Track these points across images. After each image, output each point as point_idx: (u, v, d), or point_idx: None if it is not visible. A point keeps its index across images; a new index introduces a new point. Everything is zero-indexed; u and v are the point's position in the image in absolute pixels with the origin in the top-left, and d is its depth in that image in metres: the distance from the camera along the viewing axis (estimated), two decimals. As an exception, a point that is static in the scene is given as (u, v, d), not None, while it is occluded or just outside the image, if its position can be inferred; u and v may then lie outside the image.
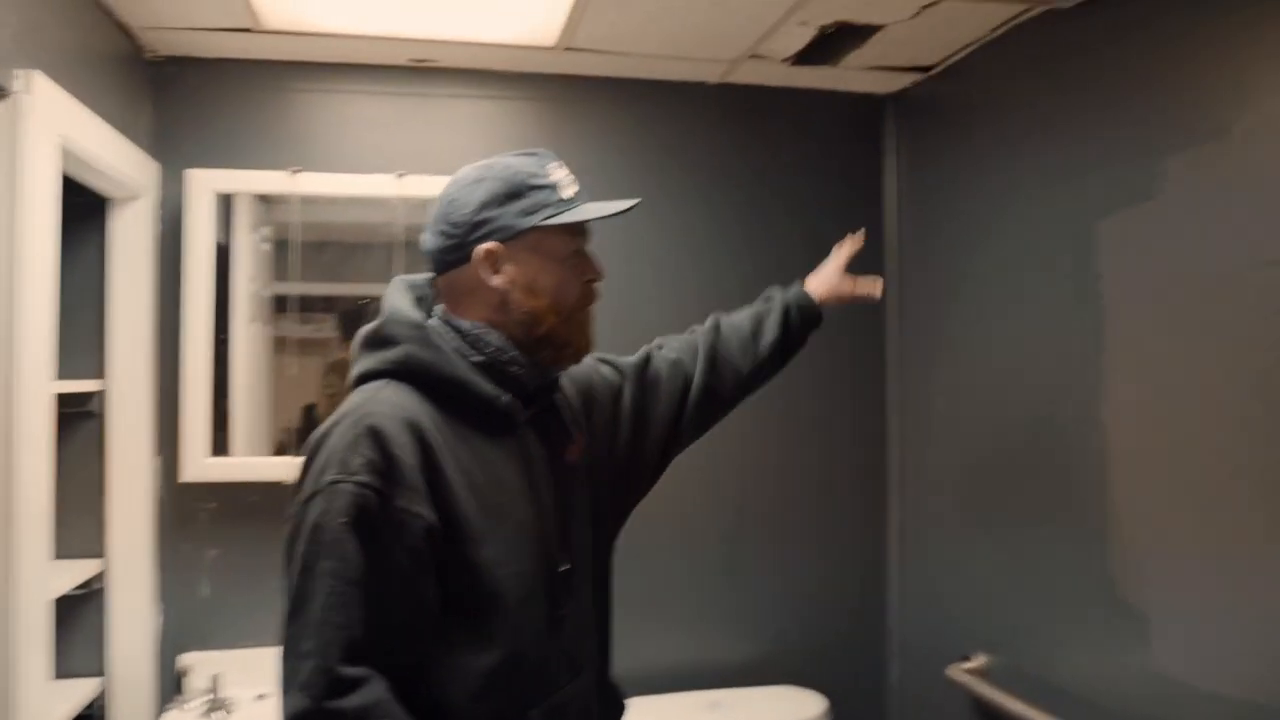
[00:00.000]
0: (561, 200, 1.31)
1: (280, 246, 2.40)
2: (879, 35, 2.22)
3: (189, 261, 2.26)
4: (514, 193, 1.30)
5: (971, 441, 2.32)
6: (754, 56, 2.38)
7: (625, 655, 1.61)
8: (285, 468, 2.27)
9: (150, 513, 2.22)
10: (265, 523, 2.32)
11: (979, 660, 2.21)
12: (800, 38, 2.24)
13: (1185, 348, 1.68)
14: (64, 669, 2.09)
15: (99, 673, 2.14)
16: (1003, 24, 2.14)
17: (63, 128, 1.73)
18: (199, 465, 2.25)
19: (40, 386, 1.65)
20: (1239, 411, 1.57)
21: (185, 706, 2.19)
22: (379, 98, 2.44)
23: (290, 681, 1.13)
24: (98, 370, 2.15)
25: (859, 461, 2.67)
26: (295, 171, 2.32)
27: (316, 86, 2.41)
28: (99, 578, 2.13)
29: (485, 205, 1.29)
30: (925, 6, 2.04)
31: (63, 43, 1.79)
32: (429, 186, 2.35)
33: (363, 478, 1.14)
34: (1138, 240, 1.78)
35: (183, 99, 2.34)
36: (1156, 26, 1.74)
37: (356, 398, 1.25)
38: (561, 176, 1.33)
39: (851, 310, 2.62)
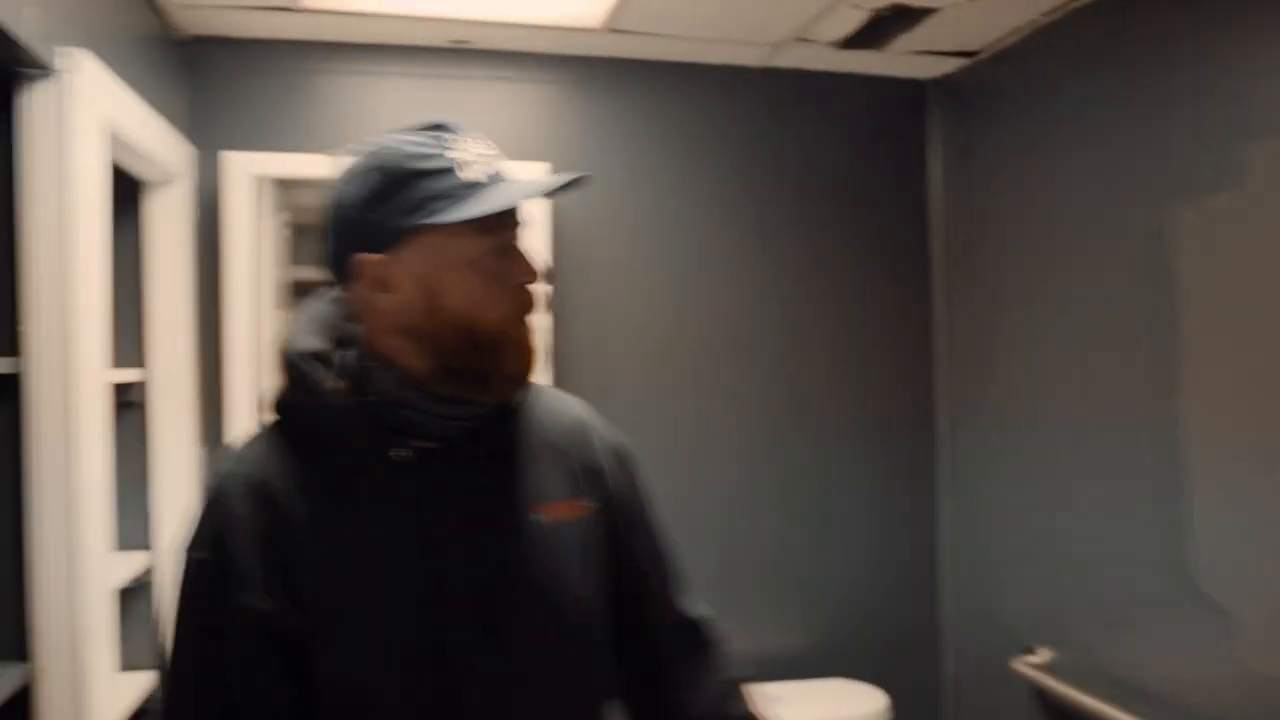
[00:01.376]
0: (462, 185, 0.99)
1: (299, 231, 2.35)
2: (931, 18, 2.19)
3: (228, 246, 2.21)
4: (396, 182, 0.99)
5: (1025, 434, 2.30)
6: (800, 40, 2.34)
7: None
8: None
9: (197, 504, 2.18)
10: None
11: (1044, 654, 2.20)
12: (851, 21, 2.21)
13: (1265, 339, 1.66)
14: (124, 662, 2.05)
15: (153, 666, 2.10)
16: (1057, 8, 2.11)
17: (106, 108, 1.68)
18: (242, 455, 2.20)
19: (97, 376, 1.60)
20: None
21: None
22: (416, 80, 2.39)
23: None
24: (138, 359, 2.10)
25: (909, 451, 2.65)
26: (333, 155, 2.27)
27: (352, 68, 2.36)
28: (148, 571, 2.09)
29: (367, 203, 0.99)
30: (984, -11, 2.02)
31: (100, 20, 1.73)
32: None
33: (201, 554, 0.98)
34: (1210, 231, 1.76)
35: (214, 80, 2.28)
36: (1234, 8, 1.71)
37: (234, 448, 1.06)
38: (465, 154, 1.01)
39: (897, 307, 2.64)
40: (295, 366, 1.03)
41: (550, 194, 1.06)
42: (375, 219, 0.99)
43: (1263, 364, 1.66)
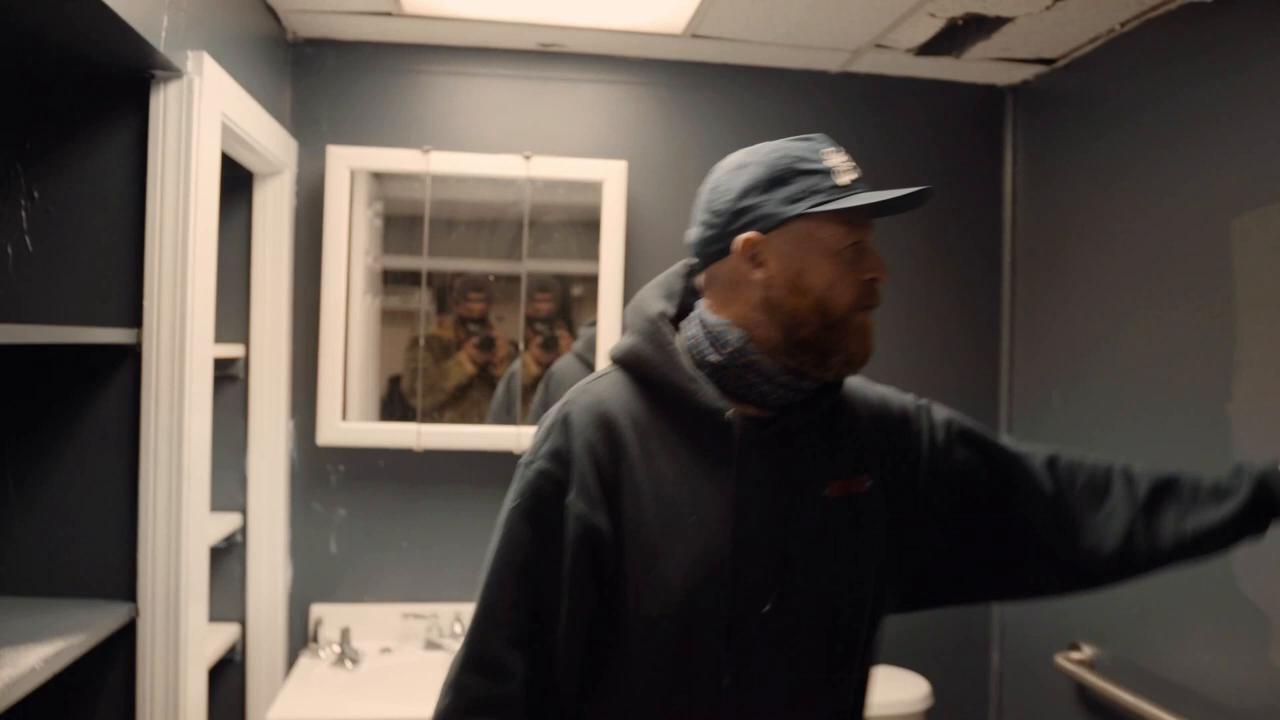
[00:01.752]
0: (835, 187, 1.15)
1: (389, 221, 2.50)
2: (1007, 27, 2.22)
3: (329, 234, 2.37)
4: (779, 178, 1.16)
5: (1088, 433, 2.32)
6: (878, 46, 2.39)
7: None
8: (409, 435, 2.38)
9: (285, 473, 2.35)
10: (391, 488, 2.44)
11: (1087, 650, 2.22)
12: (928, 28, 2.25)
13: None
14: (211, 614, 2.23)
15: (239, 619, 2.28)
16: (1135, 17, 2.13)
17: (223, 106, 1.83)
18: (334, 429, 2.37)
19: (205, 351, 1.76)
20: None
21: (319, 655, 2.33)
22: (506, 80, 2.51)
23: (450, 668, 1.16)
24: (242, 335, 2.28)
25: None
26: (427, 150, 2.41)
27: (446, 69, 2.49)
28: (240, 531, 2.26)
29: (747, 192, 1.17)
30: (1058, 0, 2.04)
31: (221, 25, 1.89)
32: (554, 168, 2.43)
33: (544, 465, 1.14)
34: (1274, 238, 1.77)
35: (319, 79, 2.44)
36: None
37: (581, 383, 1.23)
38: (838, 162, 1.18)
39: (962, 310, 2.68)
40: (651, 323, 1.20)
41: (904, 205, 1.19)
42: (754, 205, 1.16)
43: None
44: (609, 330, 2.44)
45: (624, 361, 1.21)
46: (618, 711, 1.15)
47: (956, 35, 2.29)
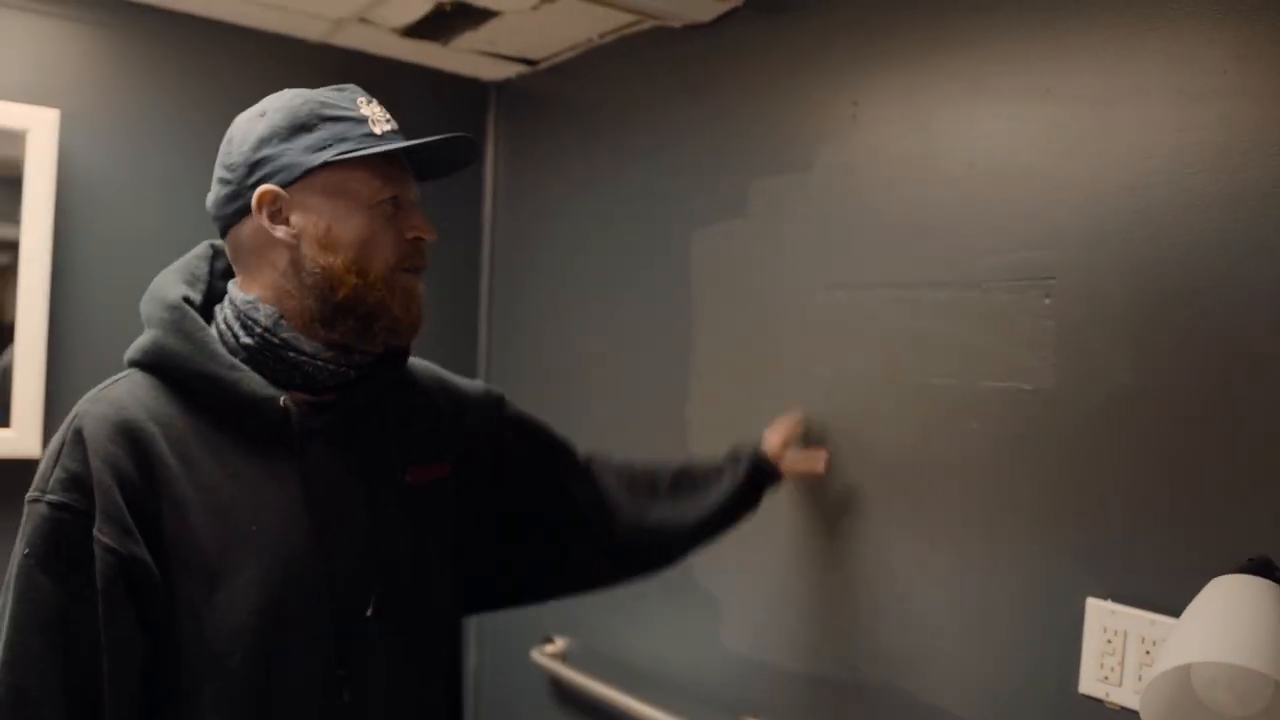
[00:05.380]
0: (369, 135, 1.06)
1: None
2: (494, 21, 2.20)
3: None
4: (303, 125, 1.05)
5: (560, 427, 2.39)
6: (363, 20, 2.24)
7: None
8: None
9: None
10: None
11: (560, 643, 2.29)
12: (417, 9, 2.15)
13: (759, 357, 1.85)
14: None
15: None
16: (614, 30, 2.22)
17: None
18: None
19: None
20: (805, 412, 1.77)
21: None
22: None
23: None
24: None
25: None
26: None
27: None
28: None
29: (265, 141, 1.05)
30: (544, 1, 2.06)
31: None
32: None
33: (58, 496, 0.93)
34: (726, 255, 1.94)
35: None
36: (757, 60, 1.90)
37: (92, 391, 1.02)
38: (373, 112, 1.09)
39: (443, 302, 2.63)
40: (173, 311, 1.03)
41: (445, 164, 1.14)
42: (274, 155, 1.03)
43: (755, 377, 1.85)
44: (34, 317, 1.99)
45: (145, 361, 1.04)
46: None
47: (445, 22, 2.22)
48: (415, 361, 1.26)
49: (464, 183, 2.64)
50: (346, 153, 1.04)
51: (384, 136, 1.08)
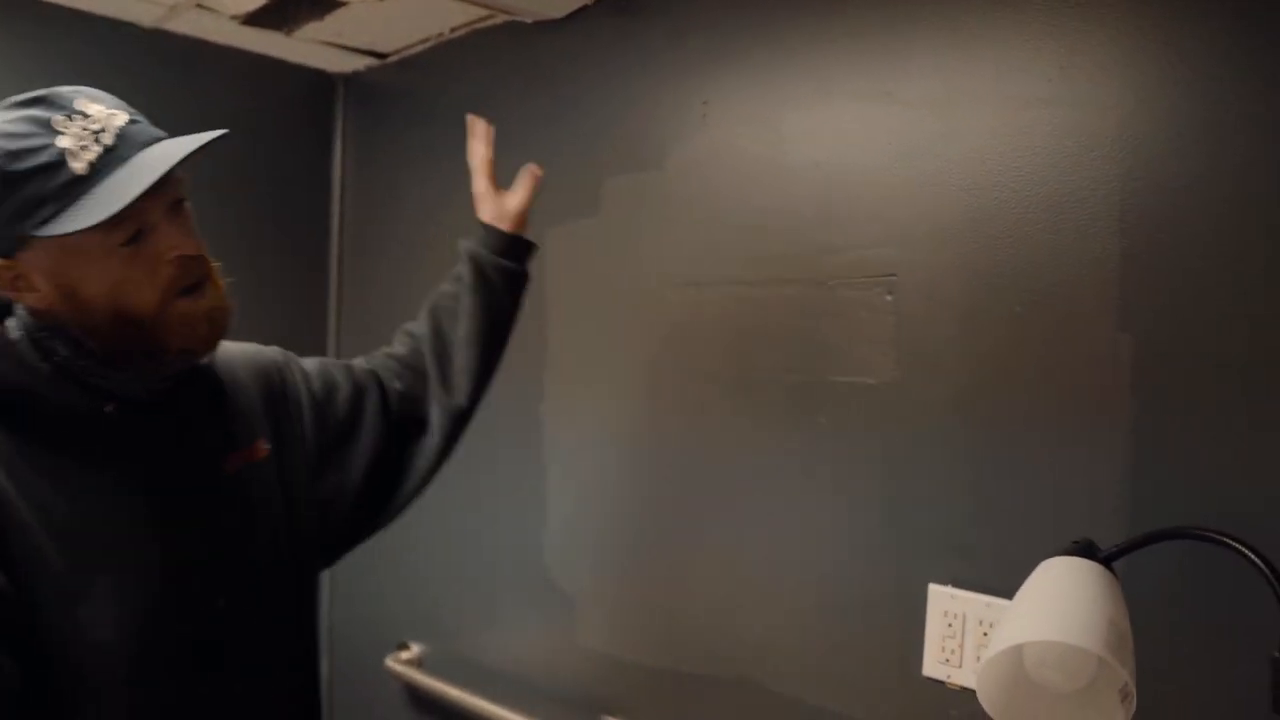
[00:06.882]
0: (74, 180, 0.91)
1: None
2: (341, 11, 2.13)
3: None
4: (3, 183, 0.91)
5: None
6: (200, 6, 2.14)
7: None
8: None
9: None
10: None
11: (416, 649, 2.23)
12: (256, -5, 2.07)
13: (612, 355, 1.85)
14: None
15: None
16: (465, 25, 2.18)
17: None
18: None
19: None
20: (654, 410, 1.77)
21: None
22: None
23: None
24: None
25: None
26: None
27: None
28: None
29: None
30: (393, -8, 2.00)
31: None
32: None
33: None
34: (582, 251, 1.93)
35: None
36: (609, 57, 1.90)
37: None
38: (74, 135, 0.92)
39: (292, 294, 2.53)
40: None
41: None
42: None
43: (611, 371, 1.85)
44: None
45: None
46: None
47: (288, 9, 2.14)
48: (224, 345, 1.19)
49: (311, 174, 2.56)
50: (47, 221, 0.90)
51: (95, 167, 0.92)
